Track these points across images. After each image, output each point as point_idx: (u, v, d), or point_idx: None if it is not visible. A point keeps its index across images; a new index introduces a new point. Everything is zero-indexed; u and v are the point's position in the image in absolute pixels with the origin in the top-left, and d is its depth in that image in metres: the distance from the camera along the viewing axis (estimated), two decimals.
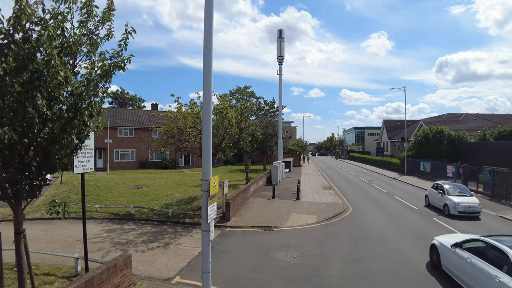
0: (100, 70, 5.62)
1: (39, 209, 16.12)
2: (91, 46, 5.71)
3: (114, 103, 75.81)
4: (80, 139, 5.72)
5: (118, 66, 5.73)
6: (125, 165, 42.38)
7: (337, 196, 22.66)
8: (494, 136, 36.57)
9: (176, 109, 18.26)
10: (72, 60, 5.66)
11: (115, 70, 5.71)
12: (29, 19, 4.80)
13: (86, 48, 5.65)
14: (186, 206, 17.34)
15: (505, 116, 55.55)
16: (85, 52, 5.67)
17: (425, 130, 39.27)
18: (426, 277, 9.06)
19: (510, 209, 17.96)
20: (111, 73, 5.67)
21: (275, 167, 28.17)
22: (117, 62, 5.72)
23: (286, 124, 66.43)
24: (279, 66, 32.48)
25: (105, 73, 5.60)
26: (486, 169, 22.91)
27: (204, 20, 6.96)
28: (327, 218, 15.85)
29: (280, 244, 11.91)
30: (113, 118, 42.78)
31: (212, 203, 7.18)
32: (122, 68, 5.76)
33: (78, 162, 7.75)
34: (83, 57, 5.73)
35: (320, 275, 9.12)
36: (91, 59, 5.75)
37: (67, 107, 5.33)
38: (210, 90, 7.14)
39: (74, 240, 12.15)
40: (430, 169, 33.10)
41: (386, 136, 68.00)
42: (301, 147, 56.45)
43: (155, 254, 10.81)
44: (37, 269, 8.80)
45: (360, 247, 11.64)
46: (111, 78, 5.71)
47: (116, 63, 5.72)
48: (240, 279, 8.87)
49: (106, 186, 23.77)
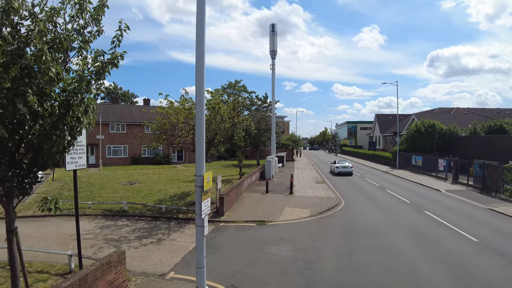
0: (94, 67, 5.54)
1: (31, 206, 15.96)
2: (83, 42, 5.62)
3: (106, 99, 75.07)
4: (73, 135, 5.66)
5: (112, 63, 5.66)
6: (118, 161, 42.07)
7: (330, 190, 22.83)
8: (484, 130, 37.07)
9: (166, 105, 18.17)
10: (64, 56, 5.57)
11: (109, 67, 5.64)
12: (17, 13, 4.71)
13: (78, 44, 5.56)
14: (179, 202, 17.33)
15: (495, 111, 56.36)
16: (77, 48, 5.58)
17: (417, 124, 39.60)
18: (418, 270, 9.20)
19: (500, 202, 18.26)
20: (105, 70, 5.60)
21: (268, 161, 28.23)
22: (110, 59, 5.65)
23: (279, 119, 66.50)
24: (272, 61, 32.45)
25: (98, 70, 5.53)
26: (476, 163, 23.23)
27: (197, 14, 6.91)
28: (320, 212, 15.98)
29: (274, 238, 11.99)
30: (105, 113, 42.34)
31: (205, 198, 7.19)
32: (115, 65, 5.69)
33: (70, 159, 7.69)
34: (75, 53, 5.64)
35: (314, 268, 9.21)
36: (83, 55, 5.66)
37: (58, 103, 5.26)
38: (203, 84, 7.11)
39: (67, 237, 12.08)
40: (421, 163, 33.46)
41: (379, 130, 68.53)
42: (294, 142, 56.62)
43: (149, 250, 10.81)
44: (30, 267, 8.75)
45: (353, 240, 11.77)
46: (105, 75, 5.63)
47: (110, 60, 5.64)
48: (234, 274, 8.92)
49: (99, 182, 23.60)
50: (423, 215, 15.37)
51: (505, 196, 19.27)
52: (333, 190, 22.91)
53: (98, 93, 5.67)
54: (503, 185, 19.79)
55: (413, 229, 13.20)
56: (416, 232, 12.81)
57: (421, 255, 10.21)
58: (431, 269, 9.13)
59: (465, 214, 15.76)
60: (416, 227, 13.41)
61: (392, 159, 41.38)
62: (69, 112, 5.22)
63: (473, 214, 15.81)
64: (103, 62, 5.59)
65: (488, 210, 16.52)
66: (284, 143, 53.97)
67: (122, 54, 5.72)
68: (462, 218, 14.78)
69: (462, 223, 13.76)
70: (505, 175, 19.72)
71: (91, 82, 5.46)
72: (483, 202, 18.22)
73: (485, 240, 11.58)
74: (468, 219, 14.75)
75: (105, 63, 5.59)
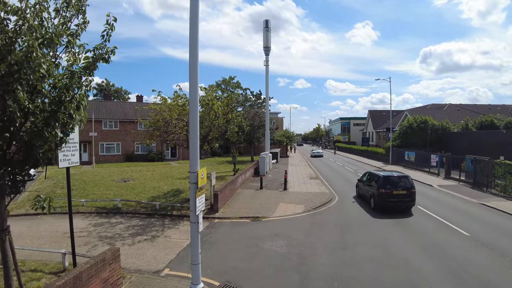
0: (84, 63, 5.46)
1: (23, 204, 15.79)
2: (71, 36, 5.51)
3: (99, 95, 74.32)
4: (65, 132, 5.60)
5: (102, 58, 5.57)
6: (111, 158, 41.78)
7: (323, 185, 22.96)
8: (476, 126, 37.49)
9: (160, 101, 18.07)
10: (53, 52, 5.47)
11: (99, 62, 5.56)
12: (3, 8, 4.62)
13: (67, 38, 5.46)
14: (173, 199, 17.29)
15: (487, 107, 56.93)
16: (66, 43, 5.47)
17: (410, 120, 39.89)
18: (411, 264, 9.31)
19: (491, 197, 18.51)
20: (95, 66, 5.52)
21: (262, 158, 28.26)
22: (101, 54, 5.57)
23: (273, 115, 66.51)
24: (265, 57, 32.34)
25: (88, 65, 5.46)
26: (468, 158, 23.50)
27: (190, 8, 6.87)
28: (314, 208, 16.06)
29: (269, 234, 12.03)
30: (98, 110, 41.99)
31: (200, 195, 7.19)
32: (106, 61, 5.61)
33: (63, 156, 7.62)
34: (64, 48, 5.53)
35: (308, 264, 9.28)
36: (72, 51, 5.56)
37: (50, 100, 5.19)
38: (197, 81, 7.09)
39: (61, 235, 11.99)
40: (414, 159, 33.73)
41: (372, 126, 68.94)
42: (288, 138, 56.71)
43: (143, 247, 10.78)
44: (24, 266, 8.67)
45: (346, 236, 11.86)
46: (93, 72, 5.54)
47: (100, 55, 5.56)
48: (229, 269, 8.94)
49: (92, 179, 23.44)
50: (415, 210, 15.51)
51: (496, 191, 19.54)
52: (326, 186, 23.03)
53: (88, 89, 5.59)
54: (494, 180, 20.05)
55: (406, 224, 13.36)
56: (408, 227, 12.96)
57: (413, 249, 10.34)
58: (423, 262, 9.26)
59: (457, 208, 15.95)
60: (409, 222, 13.57)
61: (385, 155, 41.66)
62: (60, 108, 5.15)
63: (465, 208, 16.01)
64: (94, 57, 5.50)
65: (479, 205, 16.73)
66: (278, 139, 54.02)
67: (113, 50, 5.64)
68: (454, 213, 14.97)
69: (454, 218, 13.94)
70: (496, 170, 19.97)
71: (82, 77, 5.39)
72: (474, 197, 18.45)
73: (476, 234, 11.75)
74: (460, 213, 14.94)
75: (95, 58, 5.51)
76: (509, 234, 11.87)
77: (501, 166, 19.61)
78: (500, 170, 19.65)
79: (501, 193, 19.03)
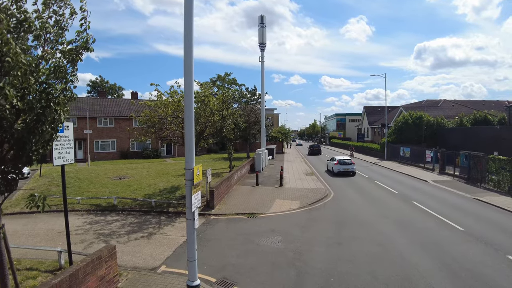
0: (67, 54, 5.32)
1: (18, 203, 15.69)
2: (59, 29, 5.39)
3: (93, 92, 73.75)
4: (55, 128, 5.52)
5: (85, 48, 5.44)
6: (106, 155, 41.58)
7: (319, 182, 23.04)
8: (470, 122, 37.74)
9: (156, 97, 17.99)
10: (42, 45, 5.35)
11: (82, 51, 5.42)
12: None
13: (55, 31, 5.34)
14: (169, 196, 17.26)
15: (481, 102, 57.30)
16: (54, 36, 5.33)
17: (405, 116, 40.06)
18: (406, 259, 9.39)
19: (485, 192, 18.69)
20: (79, 57, 5.41)
21: (258, 154, 28.26)
22: (82, 43, 5.41)
23: (269, 112, 66.47)
24: (261, 53, 32.24)
25: (72, 57, 5.34)
26: (462, 154, 23.67)
27: (184, 5, 6.84)
28: (310, 204, 16.13)
29: (265, 230, 12.07)
30: (92, 107, 41.67)
31: (196, 191, 7.18)
32: (88, 49, 5.49)
33: (57, 154, 7.57)
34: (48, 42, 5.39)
35: (304, 259, 9.33)
36: (56, 44, 5.43)
37: (38, 96, 5.09)
38: (192, 76, 7.06)
39: (56, 233, 11.95)
40: (409, 154, 33.95)
41: (367, 122, 69.12)
42: (283, 134, 56.74)
43: (139, 245, 10.77)
44: (19, 264, 8.64)
45: (342, 231, 11.94)
46: (77, 64, 5.45)
47: (82, 44, 5.41)
48: (226, 266, 8.97)
49: (87, 177, 23.32)
50: (410, 206, 15.65)
51: (490, 186, 19.73)
52: (322, 182, 23.12)
53: (72, 81, 5.50)
54: (488, 175, 20.25)
55: (401, 219, 13.46)
56: (404, 222, 13.07)
57: (409, 245, 10.43)
58: (419, 257, 9.34)
59: (451, 204, 16.09)
60: (404, 217, 13.68)
61: (381, 150, 41.86)
62: (50, 104, 5.08)
63: (459, 204, 16.15)
64: (76, 48, 5.35)
65: (473, 200, 16.89)
66: (274, 136, 54.04)
67: (94, 38, 5.46)
68: (449, 208, 15.09)
69: (449, 213, 14.07)
70: (490, 165, 20.16)
71: (68, 71, 5.31)
72: (469, 192, 18.62)
73: (470, 229, 11.87)
74: (454, 208, 15.07)
75: (77, 48, 5.37)
76: (503, 229, 12.01)
77: (495, 161, 19.79)
78: (494, 166, 19.83)
79: (495, 188, 19.22)
